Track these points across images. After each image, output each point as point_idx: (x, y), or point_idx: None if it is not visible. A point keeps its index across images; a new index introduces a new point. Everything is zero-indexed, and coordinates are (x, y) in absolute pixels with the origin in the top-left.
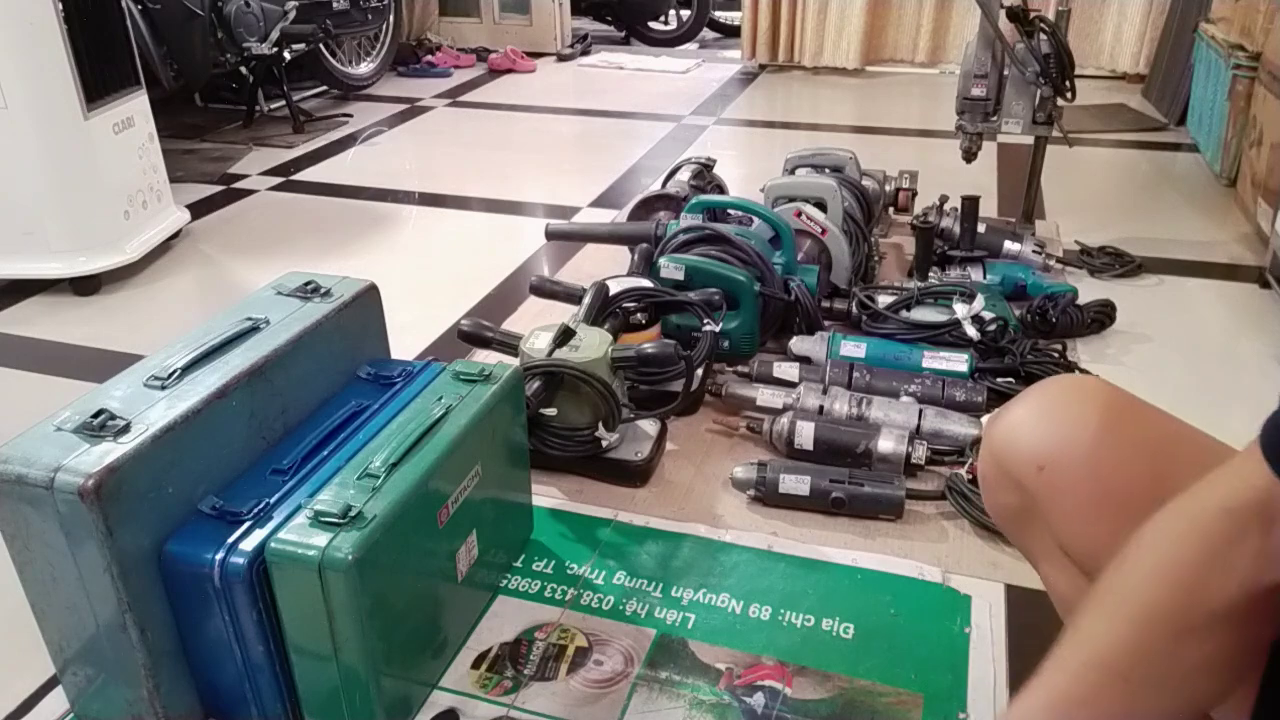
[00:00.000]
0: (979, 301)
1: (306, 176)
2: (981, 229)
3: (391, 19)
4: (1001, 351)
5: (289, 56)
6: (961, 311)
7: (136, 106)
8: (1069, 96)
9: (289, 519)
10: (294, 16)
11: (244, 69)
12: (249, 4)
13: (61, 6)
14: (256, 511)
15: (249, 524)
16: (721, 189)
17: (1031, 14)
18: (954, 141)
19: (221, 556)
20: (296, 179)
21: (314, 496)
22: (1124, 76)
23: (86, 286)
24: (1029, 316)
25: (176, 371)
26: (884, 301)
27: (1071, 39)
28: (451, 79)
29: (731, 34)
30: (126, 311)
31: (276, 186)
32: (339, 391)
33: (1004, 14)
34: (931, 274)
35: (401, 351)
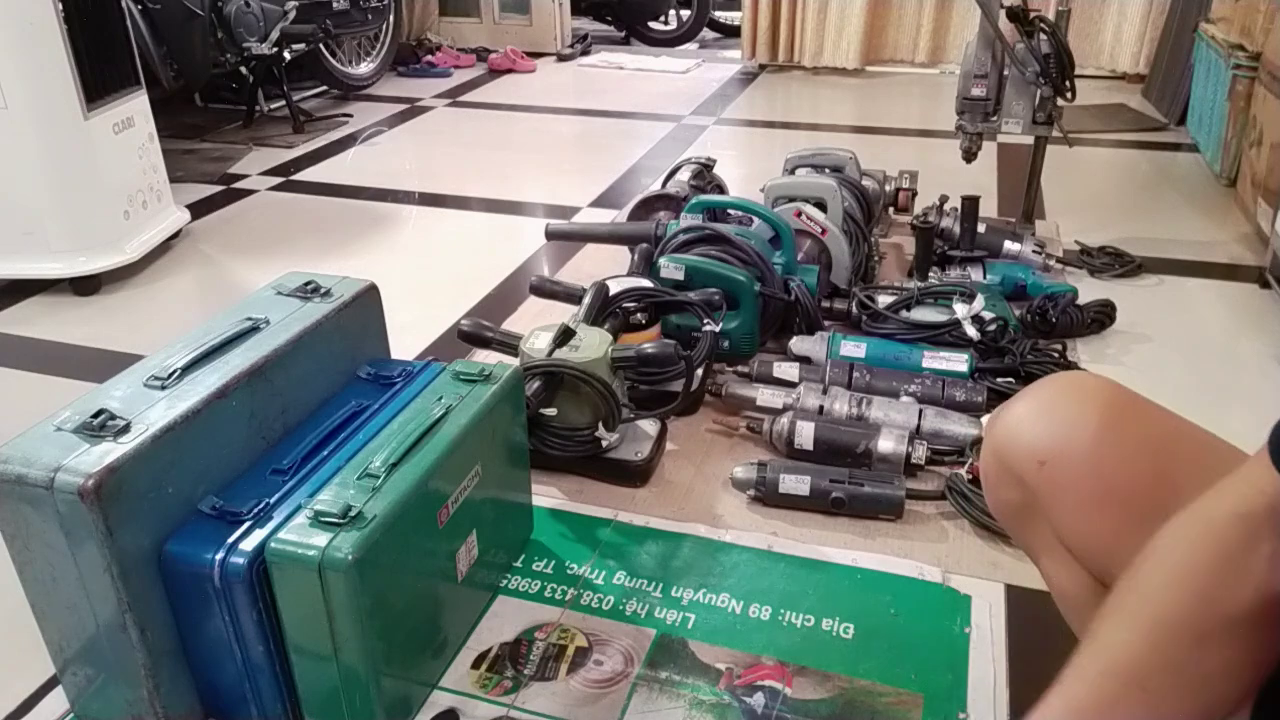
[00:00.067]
0: (979, 301)
1: (306, 176)
2: (981, 229)
3: (391, 19)
4: (1001, 351)
5: (289, 56)
6: (961, 311)
7: (136, 106)
8: (1069, 96)
9: (289, 519)
10: (294, 16)
11: (244, 69)
12: (249, 4)
13: (61, 6)
14: (256, 511)
15: (249, 524)
16: (721, 189)
17: (1031, 14)
18: (954, 141)
19: (221, 556)
20: (296, 179)
21: (314, 496)
22: (1124, 76)
23: (86, 286)
24: (1029, 316)
25: (176, 371)
26: (884, 301)
27: (1071, 39)
28: (451, 79)
29: (731, 34)
30: (126, 311)
31: (276, 186)
32: (339, 391)
33: (1004, 14)
34: (931, 274)
35: (401, 351)
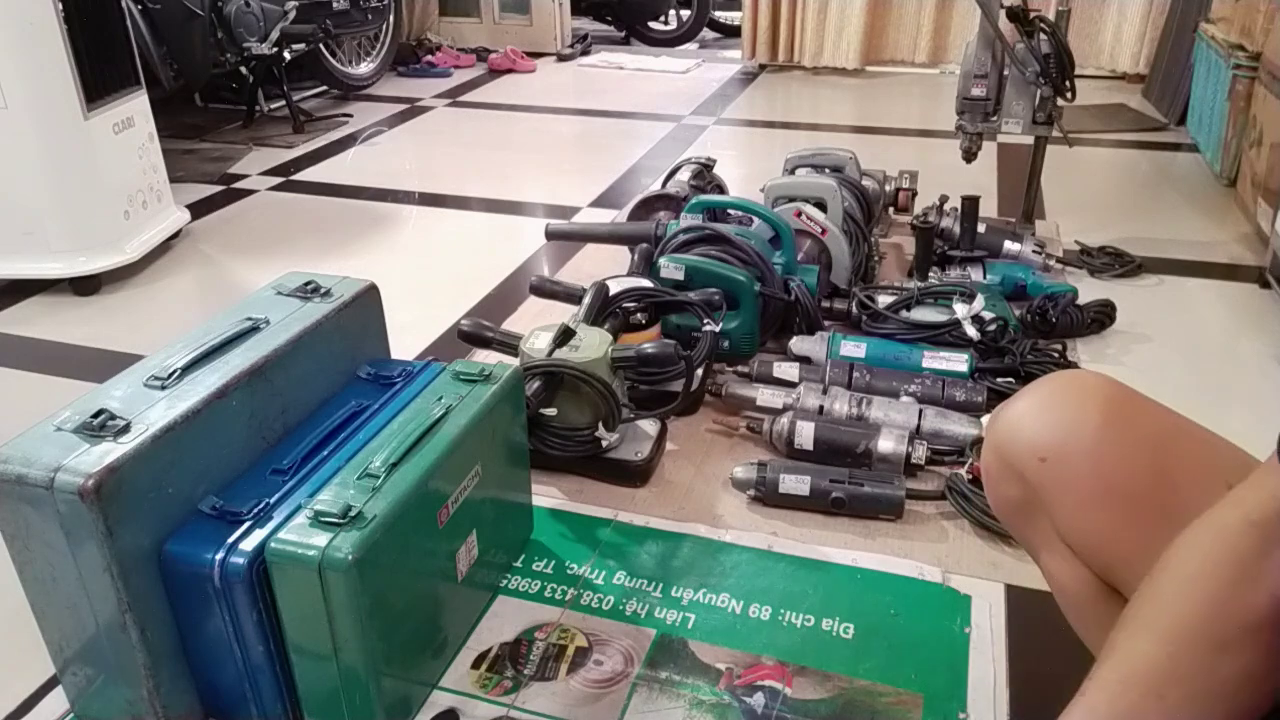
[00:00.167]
0: (979, 301)
1: (306, 176)
2: (981, 229)
3: (391, 19)
4: (1001, 351)
5: (289, 56)
6: (961, 311)
7: (136, 106)
8: (1069, 96)
9: (289, 519)
10: (294, 16)
11: (244, 69)
12: (249, 4)
13: (61, 6)
14: (256, 511)
15: (249, 524)
16: (721, 189)
17: (1031, 14)
18: (954, 141)
19: (221, 556)
20: (296, 179)
21: (314, 496)
22: (1124, 76)
23: (86, 286)
24: (1029, 316)
25: (176, 371)
26: (884, 301)
27: (1071, 39)
28: (451, 79)
29: (731, 34)
30: (126, 311)
31: (276, 186)
32: (339, 391)
33: (1004, 14)
34: (931, 274)
35: (401, 351)
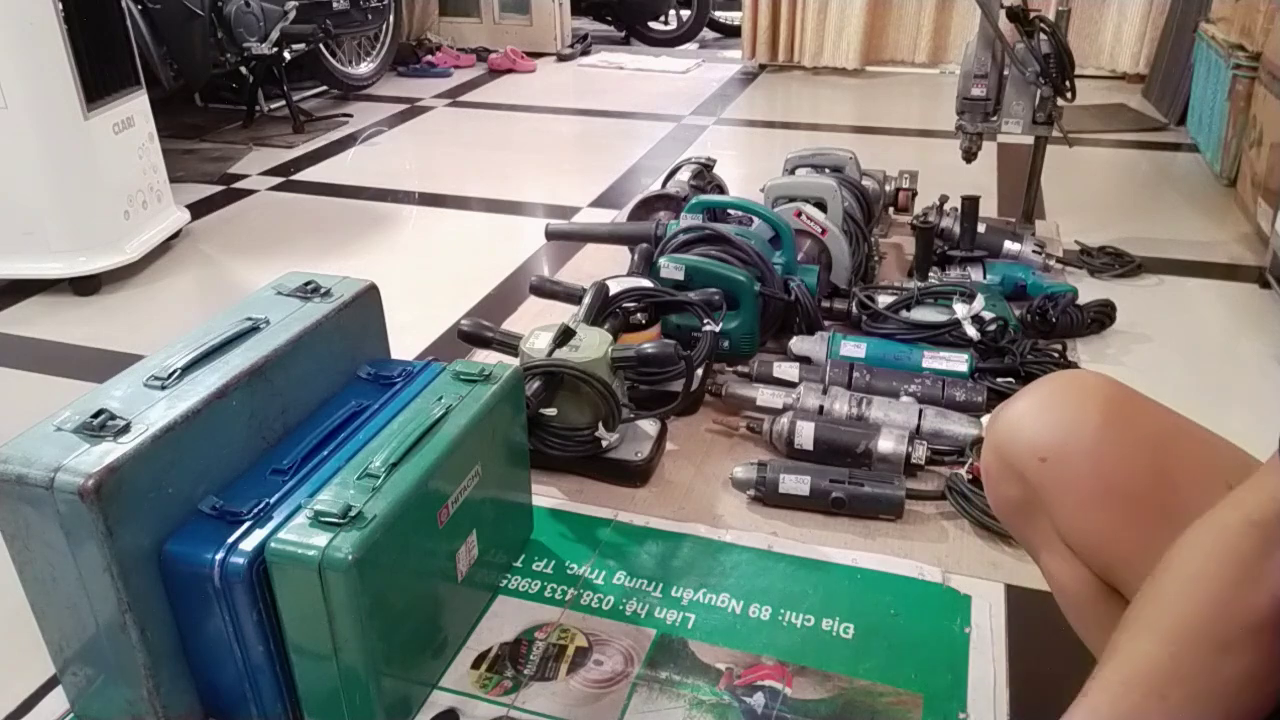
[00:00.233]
0: (979, 301)
1: (306, 176)
2: (981, 229)
3: (391, 19)
4: (1001, 351)
5: (289, 56)
6: (961, 311)
7: (136, 106)
8: (1069, 96)
9: (289, 519)
10: (294, 16)
11: (244, 69)
12: (249, 4)
13: (61, 6)
14: (256, 511)
15: (249, 524)
16: (721, 189)
17: (1031, 14)
18: (954, 141)
19: (221, 556)
20: (296, 179)
21: (314, 496)
22: (1124, 76)
23: (86, 286)
24: (1029, 316)
25: (176, 371)
26: (884, 301)
27: (1071, 39)
28: (451, 79)
29: (731, 34)
30: (126, 311)
31: (276, 186)
32: (339, 391)
33: (1004, 14)
34: (931, 274)
35: (401, 351)
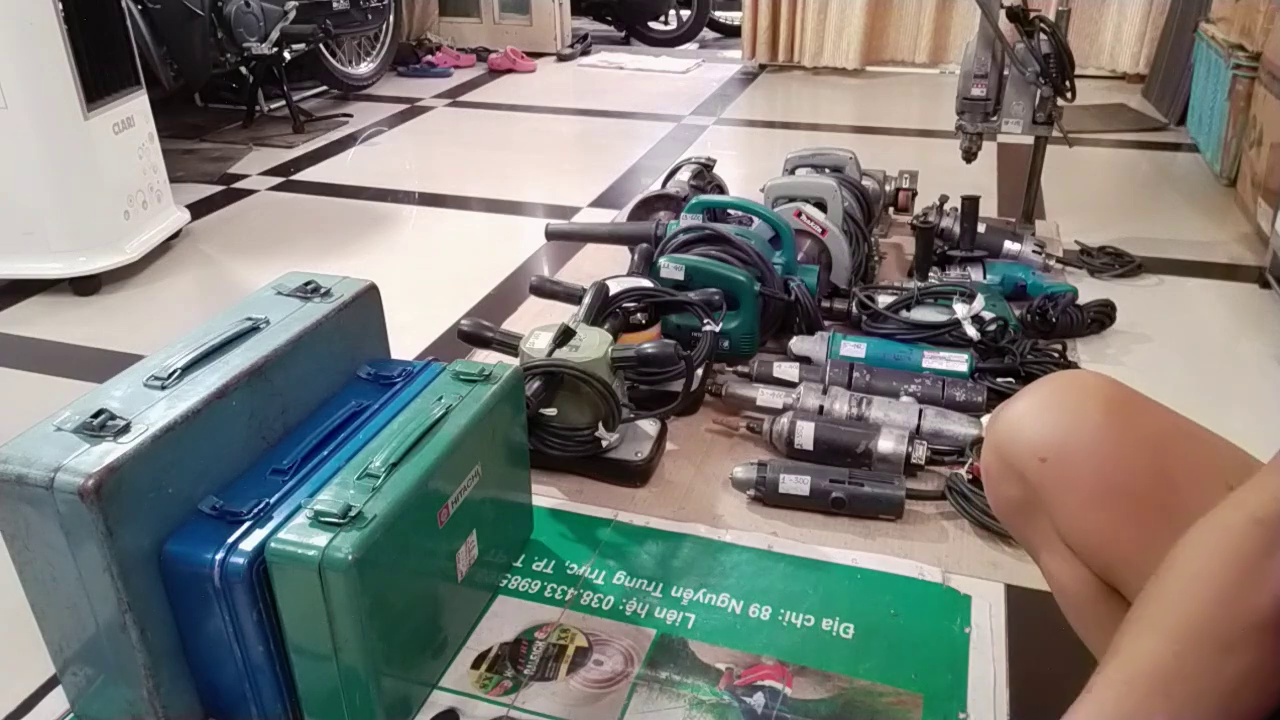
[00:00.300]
0: (979, 301)
1: (306, 176)
2: (981, 229)
3: (391, 19)
4: (1001, 351)
5: (289, 56)
6: (961, 311)
7: (136, 106)
8: (1069, 96)
9: (289, 519)
10: (294, 16)
11: (244, 69)
12: (249, 4)
13: (61, 6)
14: (256, 511)
15: (249, 524)
16: (721, 189)
17: (1031, 14)
18: (954, 141)
19: (221, 556)
20: (296, 179)
21: (314, 496)
22: (1124, 76)
23: (86, 286)
24: (1029, 316)
25: (176, 371)
26: (884, 301)
27: (1071, 39)
28: (451, 79)
29: (731, 34)
30: (126, 311)
31: (276, 186)
32: (339, 391)
33: (1004, 14)
34: (931, 274)
35: (401, 351)
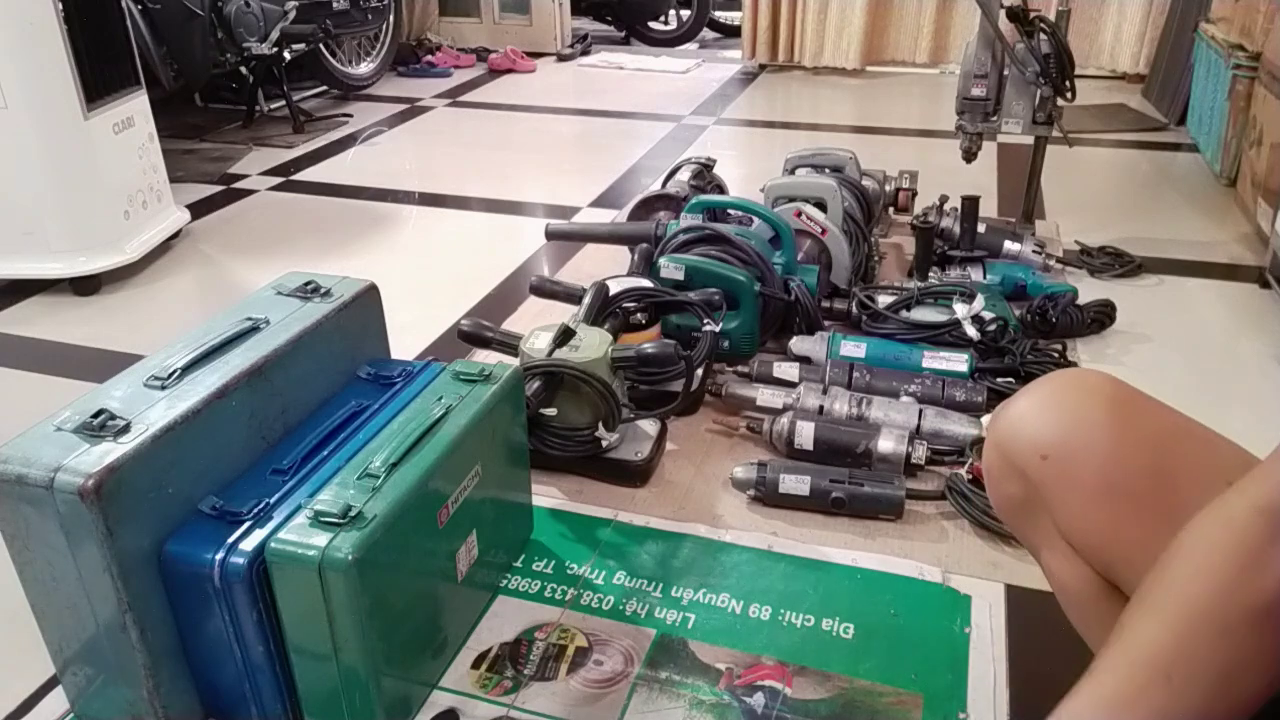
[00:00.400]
0: (979, 301)
1: (306, 176)
2: (981, 229)
3: (391, 19)
4: (1001, 351)
5: (289, 56)
6: (961, 311)
7: (136, 106)
8: (1069, 96)
9: (289, 519)
10: (294, 16)
11: (244, 69)
12: (249, 4)
13: (61, 6)
14: (256, 511)
15: (249, 524)
16: (721, 189)
17: (1031, 14)
18: (954, 141)
19: (221, 556)
20: (296, 179)
21: (314, 496)
22: (1124, 76)
23: (86, 286)
24: (1029, 316)
25: (176, 371)
26: (884, 301)
27: (1071, 39)
28: (451, 79)
29: (731, 34)
30: (126, 311)
31: (276, 186)
32: (339, 391)
33: (1004, 14)
34: (931, 274)
35: (401, 351)
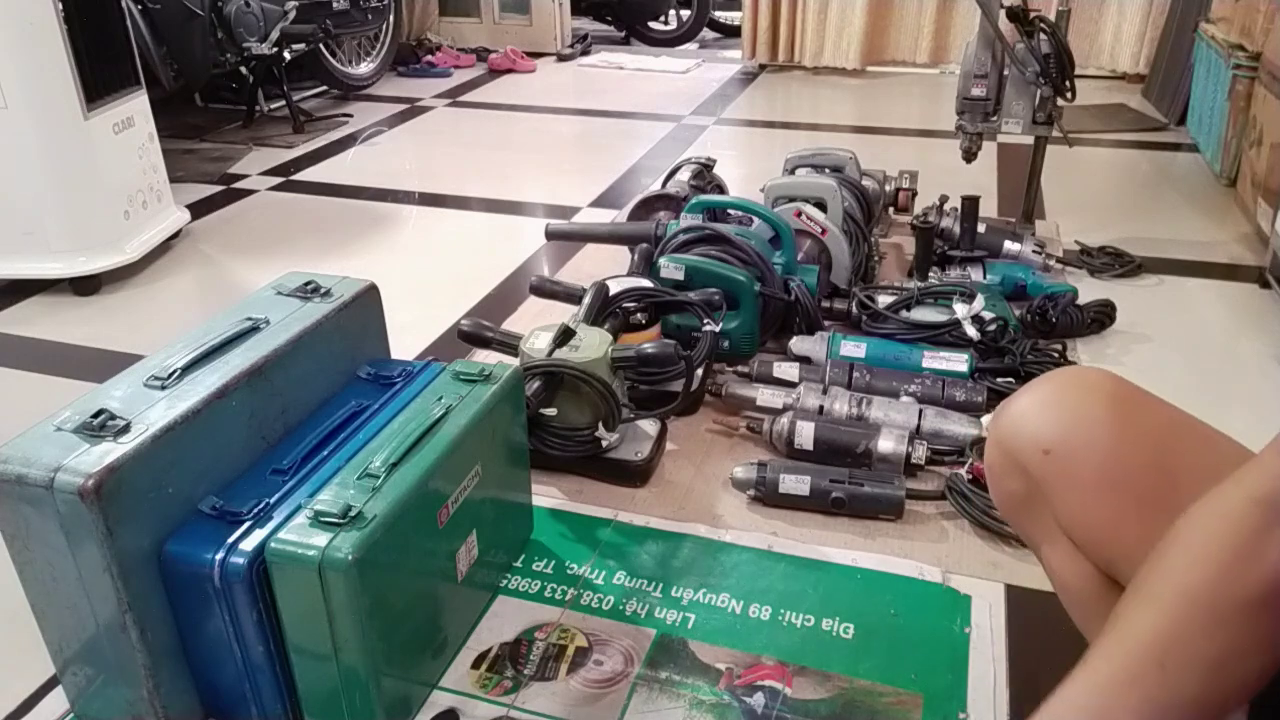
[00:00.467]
0: (979, 301)
1: (306, 176)
2: (981, 229)
3: (391, 19)
4: (1001, 351)
5: (289, 56)
6: (961, 311)
7: (136, 106)
8: (1069, 96)
9: (289, 519)
10: (294, 16)
11: (244, 69)
12: (249, 4)
13: (61, 6)
14: (256, 511)
15: (249, 524)
16: (721, 189)
17: (1031, 14)
18: (954, 141)
19: (221, 556)
20: (296, 179)
21: (314, 496)
22: (1124, 76)
23: (86, 286)
24: (1029, 316)
25: (176, 371)
26: (884, 301)
27: (1071, 39)
28: (451, 79)
29: (731, 34)
30: (126, 311)
31: (276, 186)
32: (339, 391)
33: (1004, 14)
34: (931, 274)
35: (401, 351)
